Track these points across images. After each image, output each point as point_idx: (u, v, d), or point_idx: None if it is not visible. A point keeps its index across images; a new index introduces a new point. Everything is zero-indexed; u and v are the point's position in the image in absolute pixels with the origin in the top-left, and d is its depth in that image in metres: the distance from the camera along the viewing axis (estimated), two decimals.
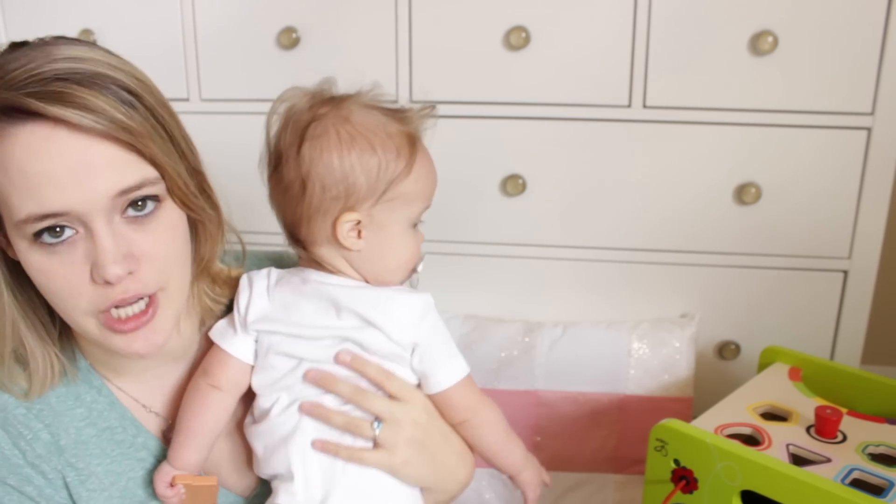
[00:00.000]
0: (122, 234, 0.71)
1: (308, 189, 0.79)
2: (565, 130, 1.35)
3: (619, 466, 1.36)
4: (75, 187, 0.67)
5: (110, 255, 0.69)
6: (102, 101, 0.68)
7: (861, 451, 0.95)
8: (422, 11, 1.34)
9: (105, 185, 0.68)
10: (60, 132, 0.67)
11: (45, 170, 0.67)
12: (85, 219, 0.69)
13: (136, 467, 0.84)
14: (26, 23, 1.49)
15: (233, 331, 0.84)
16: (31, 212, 0.68)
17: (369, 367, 0.80)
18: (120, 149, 0.69)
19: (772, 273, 1.36)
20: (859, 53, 1.24)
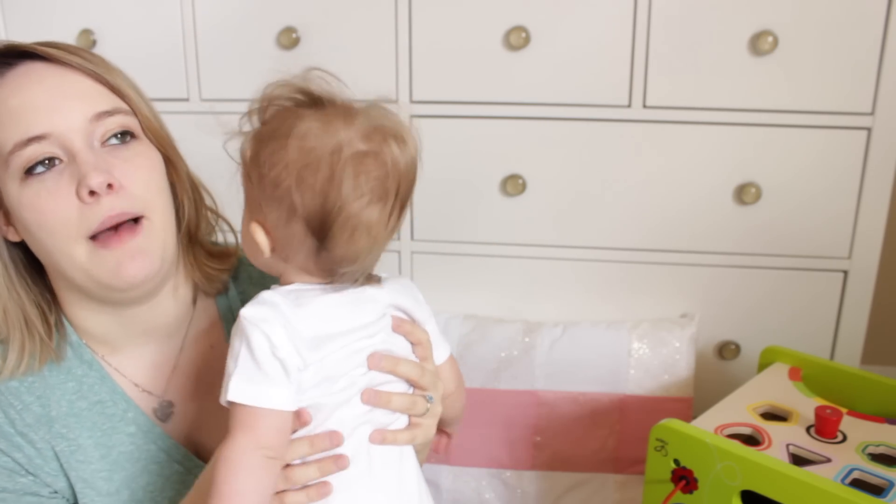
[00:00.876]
0: (102, 156, 0.77)
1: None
2: (565, 130, 1.35)
3: (619, 466, 1.36)
4: (54, 110, 0.76)
5: (91, 165, 0.75)
6: (76, 48, 0.80)
7: (861, 451, 0.95)
8: (422, 11, 1.34)
9: (81, 108, 0.77)
10: (38, 66, 0.78)
11: (26, 98, 0.76)
12: (67, 142, 0.76)
13: (126, 441, 0.85)
14: (26, 23, 1.49)
15: (274, 384, 0.69)
16: (17, 139, 0.74)
17: (403, 365, 0.78)
18: (92, 80, 0.79)
19: (772, 273, 1.36)
20: (859, 53, 1.24)
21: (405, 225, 1.44)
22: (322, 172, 0.67)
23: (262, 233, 0.71)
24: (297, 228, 0.69)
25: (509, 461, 1.39)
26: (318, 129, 0.69)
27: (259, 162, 0.69)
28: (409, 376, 0.77)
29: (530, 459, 1.38)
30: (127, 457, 0.84)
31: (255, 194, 0.71)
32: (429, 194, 1.43)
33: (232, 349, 0.69)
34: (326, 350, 0.71)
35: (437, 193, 1.43)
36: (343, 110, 0.72)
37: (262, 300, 0.70)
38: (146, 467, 0.85)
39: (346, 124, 0.70)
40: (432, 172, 1.41)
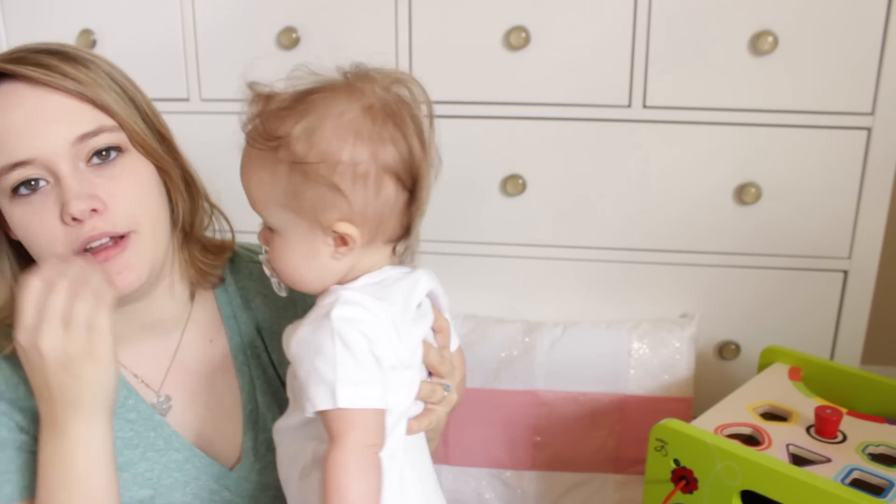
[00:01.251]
0: (87, 178, 0.76)
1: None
2: (565, 130, 1.35)
3: (619, 466, 1.36)
4: (35, 134, 0.74)
5: (73, 192, 0.74)
6: (56, 61, 0.76)
7: (861, 451, 0.95)
8: (422, 11, 1.34)
9: (63, 131, 0.75)
10: (18, 87, 0.75)
11: (8, 122, 0.74)
12: (51, 166, 0.75)
13: (125, 428, 0.86)
14: (26, 22, 1.49)
15: (375, 383, 0.69)
16: (2, 164, 0.74)
17: (431, 351, 0.79)
18: (74, 99, 0.76)
19: (772, 273, 1.36)
20: (859, 53, 1.24)
21: None
22: (388, 123, 0.69)
23: (350, 226, 0.69)
24: (389, 191, 0.70)
25: (509, 461, 1.39)
26: (347, 97, 0.70)
27: (326, 156, 0.67)
28: (432, 363, 0.78)
29: (530, 459, 1.38)
30: (126, 443, 0.85)
31: (322, 198, 0.68)
32: None
33: (321, 354, 0.67)
34: (407, 342, 0.73)
35: (437, 193, 1.42)
36: (344, 81, 0.73)
37: (347, 300, 0.69)
38: (144, 454, 0.86)
39: (363, 84, 0.72)
40: None
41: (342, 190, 0.68)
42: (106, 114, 0.78)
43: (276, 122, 0.69)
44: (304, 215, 0.69)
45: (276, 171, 0.69)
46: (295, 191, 0.68)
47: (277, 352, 0.94)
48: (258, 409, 0.92)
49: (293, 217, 0.70)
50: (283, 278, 0.74)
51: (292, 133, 0.67)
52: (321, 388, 0.66)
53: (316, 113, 0.68)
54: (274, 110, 0.70)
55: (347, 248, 0.71)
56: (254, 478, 0.89)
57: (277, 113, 0.70)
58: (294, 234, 0.71)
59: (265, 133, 0.69)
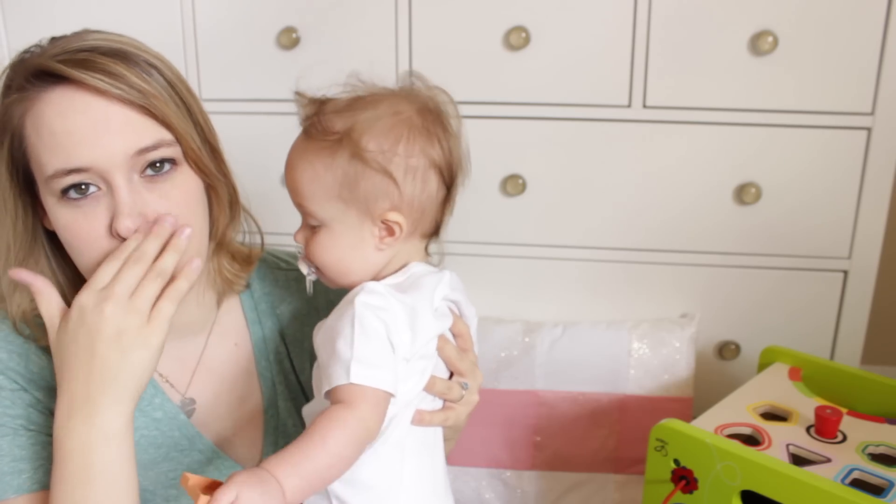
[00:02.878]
0: (139, 192, 0.77)
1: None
2: (565, 130, 1.35)
3: (619, 466, 1.36)
4: (97, 143, 0.74)
5: (126, 208, 0.75)
6: (122, 68, 0.75)
7: (861, 451, 0.95)
8: (422, 11, 1.34)
9: (124, 144, 0.75)
10: (83, 94, 0.74)
11: (70, 127, 0.74)
12: (106, 175, 0.75)
13: (151, 426, 0.86)
14: (26, 22, 1.49)
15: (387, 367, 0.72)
16: (58, 167, 0.74)
17: (448, 346, 0.81)
18: (137, 112, 0.76)
19: (772, 273, 1.36)
20: (859, 53, 1.24)
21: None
22: (436, 124, 0.77)
23: (399, 215, 0.75)
24: (432, 185, 0.77)
25: (509, 461, 1.39)
26: (403, 98, 0.77)
27: (384, 146, 0.73)
28: (449, 358, 0.80)
29: (530, 459, 1.38)
30: (150, 441, 0.86)
31: (376, 187, 0.74)
32: None
33: (342, 336, 0.71)
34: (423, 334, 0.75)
35: None
36: (398, 88, 0.79)
37: (371, 290, 0.73)
38: (168, 454, 0.86)
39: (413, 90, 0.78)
40: None
41: (396, 179, 0.74)
42: (165, 128, 0.78)
43: (337, 118, 0.74)
44: (355, 205, 0.75)
45: (333, 163, 0.74)
46: (351, 181, 0.74)
47: (300, 359, 0.95)
48: (279, 414, 0.92)
49: (344, 207, 0.75)
50: (325, 271, 0.78)
51: (354, 126, 0.73)
52: (339, 366, 0.70)
53: (375, 110, 0.75)
54: (333, 109, 0.75)
55: (393, 239, 0.76)
56: None
57: (337, 111, 0.75)
58: (343, 224, 0.76)
59: (325, 128, 0.74)
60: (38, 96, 0.75)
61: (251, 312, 0.94)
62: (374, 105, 0.75)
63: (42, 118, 0.75)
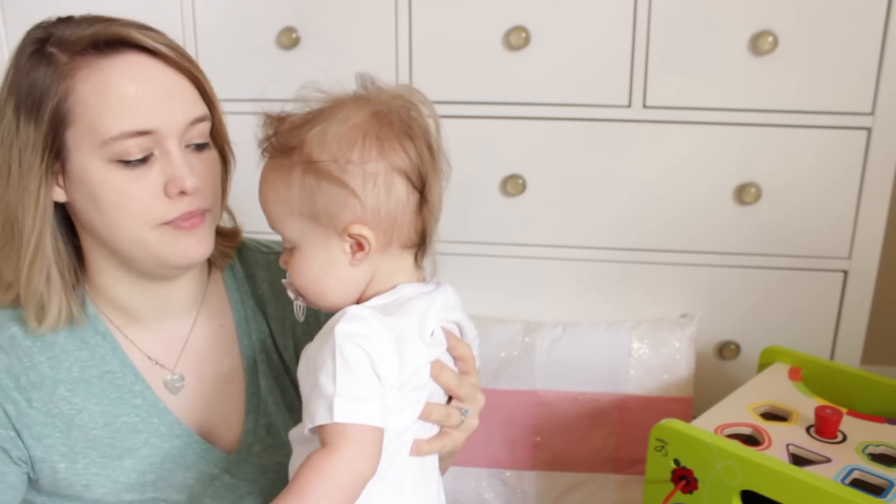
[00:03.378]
0: (189, 158, 0.82)
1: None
2: (565, 130, 1.35)
3: (619, 466, 1.36)
4: (164, 108, 0.79)
5: (186, 168, 0.80)
6: (175, 43, 0.83)
7: (861, 451, 0.95)
8: (422, 11, 1.34)
9: (184, 112, 0.81)
10: (154, 62, 0.81)
11: (142, 92, 0.79)
12: (165, 140, 0.80)
13: (131, 412, 0.88)
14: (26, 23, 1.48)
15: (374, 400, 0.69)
16: (124, 129, 0.77)
17: (446, 372, 0.78)
18: (191, 84, 0.83)
19: (772, 273, 1.36)
20: (859, 53, 1.24)
21: None
22: (394, 126, 0.72)
23: (364, 227, 0.71)
24: (400, 191, 0.72)
25: (509, 461, 1.39)
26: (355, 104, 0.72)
27: (336, 155, 0.70)
28: (448, 385, 0.78)
29: (530, 459, 1.38)
30: (130, 427, 0.87)
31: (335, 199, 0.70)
32: None
33: (324, 369, 0.67)
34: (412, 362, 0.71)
35: None
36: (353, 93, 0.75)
37: (353, 315, 0.69)
38: (148, 440, 0.88)
39: (370, 93, 0.74)
40: None
41: (353, 189, 0.70)
42: (209, 106, 0.85)
43: (292, 134, 0.72)
44: (319, 221, 0.71)
45: (290, 178, 0.71)
46: (309, 195, 0.70)
47: (282, 337, 0.96)
48: (260, 393, 0.93)
49: (309, 225, 0.72)
50: (305, 295, 0.75)
51: (305, 139, 0.71)
52: (321, 404, 0.66)
53: (327, 119, 0.71)
54: (289, 126, 0.73)
55: (364, 253, 0.72)
56: (253, 460, 0.91)
57: (293, 127, 0.72)
58: (311, 243, 0.72)
59: (280, 146, 0.72)
60: (103, 63, 0.79)
61: (234, 292, 0.96)
62: (329, 116, 0.71)
63: (110, 83, 0.78)
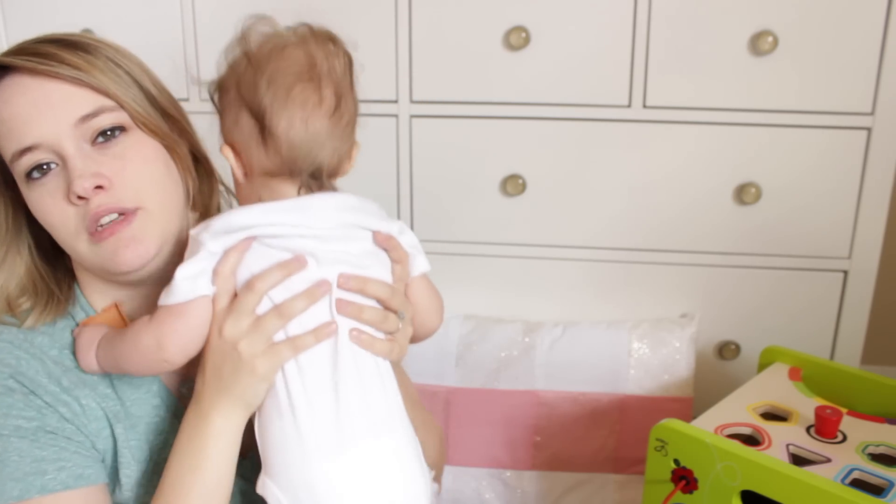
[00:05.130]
0: (91, 157, 0.80)
1: (356, 114, 0.85)
2: (565, 130, 1.35)
3: (619, 466, 1.36)
4: (39, 120, 0.79)
5: (77, 171, 0.78)
6: (55, 49, 0.80)
7: (861, 451, 0.95)
8: (422, 11, 1.34)
9: (64, 114, 0.79)
10: (22, 78, 0.80)
11: (14, 110, 0.79)
12: (56, 148, 0.79)
13: (152, 413, 0.87)
14: (26, 22, 1.49)
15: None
16: (12, 150, 0.79)
17: (372, 284, 0.79)
18: (73, 85, 0.80)
19: (772, 273, 1.36)
20: (859, 53, 1.24)
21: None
22: (252, 60, 0.81)
23: (230, 152, 0.79)
24: (245, 121, 0.78)
25: (509, 461, 1.39)
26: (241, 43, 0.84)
27: (218, 84, 0.82)
28: (378, 295, 0.79)
29: (530, 459, 1.38)
30: (152, 428, 0.87)
31: (221, 120, 0.81)
32: (429, 194, 1.43)
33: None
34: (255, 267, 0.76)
35: (438, 193, 1.43)
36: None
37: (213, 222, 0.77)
38: (167, 440, 0.86)
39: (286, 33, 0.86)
40: (432, 172, 1.42)
41: (220, 115, 0.82)
42: (105, 96, 0.81)
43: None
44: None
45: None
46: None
47: None
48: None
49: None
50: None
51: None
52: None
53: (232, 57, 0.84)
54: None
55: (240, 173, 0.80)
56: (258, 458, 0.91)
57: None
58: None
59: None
60: None
61: None
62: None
63: None
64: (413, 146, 1.40)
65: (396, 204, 1.43)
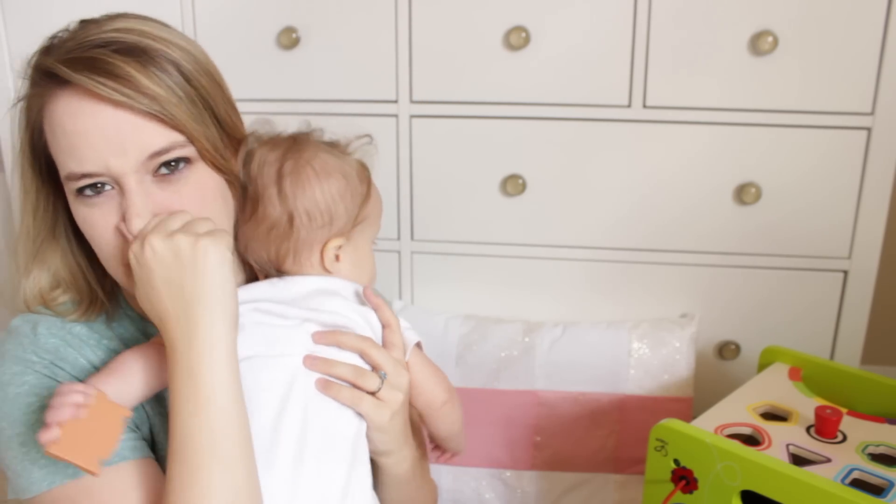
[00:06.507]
0: (151, 192, 0.76)
1: (295, 223, 0.85)
2: (565, 130, 1.35)
3: (619, 466, 1.36)
4: (108, 149, 0.74)
5: (136, 208, 0.75)
6: (131, 69, 0.74)
7: (861, 451, 0.95)
8: (422, 11, 1.34)
9: (135, 149, 0.74)
10: (91, 100, 0.74)
11: (81, 130, 0.74)
12: (118, 179, 0.75)
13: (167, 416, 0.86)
14: (26, 22, 1.49)
15: None
16: (71, 170, 0.75)
17: (345, 337, 0.82)
18: (146, 119, 0.75)
19: (772, 273, 1.36)
20: (859, 53, 1.24)
21: (405, 225, 1.44)
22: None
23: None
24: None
25: (509, 461, 1.39)
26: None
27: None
28: (355, 347, 0.81)
29: (530, 459, 1.38)
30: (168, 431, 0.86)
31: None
32: (429, 194, 1.43)
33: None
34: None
35: (437, 193, 1.43)
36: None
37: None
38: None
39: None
40: (432, 172, 1.42)
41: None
42: (178, 132, 0.77)
43: None
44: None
45: None
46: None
47: None
48: None
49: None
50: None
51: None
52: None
53: None
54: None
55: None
56: None
57: None
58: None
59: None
60: (51, 93, 0.75)
61: None
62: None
63: (54, 116, 0.75)
64: (413, 146, 1.40)
65: (396, 204, 1.43)
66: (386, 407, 0.82)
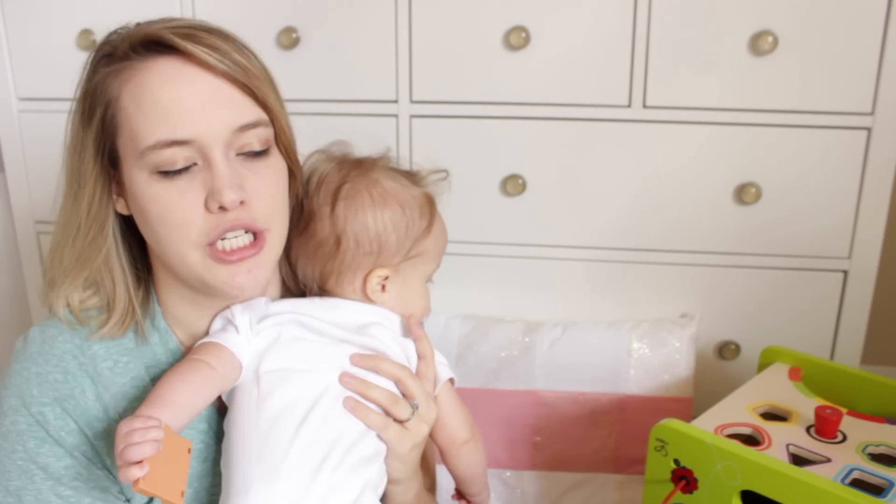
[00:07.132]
0: (237, 168, 0.77)
1: (342, 245, 0.85)
2: (565, 130, 1.35)
3: (619, 466, 1.36)
4: (203, 116, 0.74)
5: (226, 180, 0.75)
6: (225, 45, 0.77)
7: (861, 451, 0.95)
8: (422, 11, 1.34)
9: (228, 118, 0.76)
10: (191, 66, 0.75)
11: (178, 97, 0.74)
12: (206, 150, 0.75)
13: (197, 438, 0.85)
14: (26, 22, 1.49)
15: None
16: (160, 138, 0.74)
17: (385, 363, 0.82)
18: (239, 90, 0.77)
19: (772, 273, 1.36)
20: (859, 53, 1.24)
21: None
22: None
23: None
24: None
25: (509, 461, 1.39)
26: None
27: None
28: (393, 375, 0.81)
29: (530, 459, 1.38)
30: (196, 454, 0.84)
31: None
32: None
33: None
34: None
35: (437, 193, 1.43)
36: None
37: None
38: (213, 468, 0.85)
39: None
40: None
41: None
42: (263, 108, 0.79)
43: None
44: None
45: None
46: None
47: None
48: None
49: None
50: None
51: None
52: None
53: None
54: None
55: None
56: None
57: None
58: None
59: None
60: (142, 66, 0.75)
61: None
62: None
63: (145, 88, 0.75)
64: (413, 146, 1.40)
65: None
66: (409, 437, 0.82)
